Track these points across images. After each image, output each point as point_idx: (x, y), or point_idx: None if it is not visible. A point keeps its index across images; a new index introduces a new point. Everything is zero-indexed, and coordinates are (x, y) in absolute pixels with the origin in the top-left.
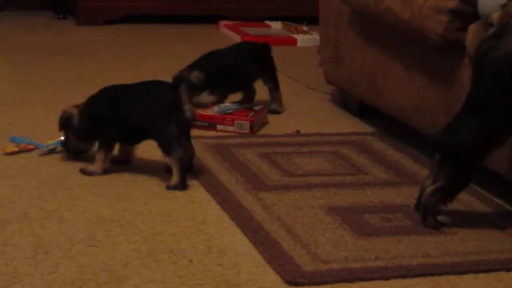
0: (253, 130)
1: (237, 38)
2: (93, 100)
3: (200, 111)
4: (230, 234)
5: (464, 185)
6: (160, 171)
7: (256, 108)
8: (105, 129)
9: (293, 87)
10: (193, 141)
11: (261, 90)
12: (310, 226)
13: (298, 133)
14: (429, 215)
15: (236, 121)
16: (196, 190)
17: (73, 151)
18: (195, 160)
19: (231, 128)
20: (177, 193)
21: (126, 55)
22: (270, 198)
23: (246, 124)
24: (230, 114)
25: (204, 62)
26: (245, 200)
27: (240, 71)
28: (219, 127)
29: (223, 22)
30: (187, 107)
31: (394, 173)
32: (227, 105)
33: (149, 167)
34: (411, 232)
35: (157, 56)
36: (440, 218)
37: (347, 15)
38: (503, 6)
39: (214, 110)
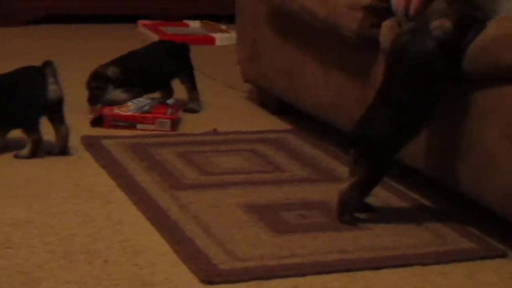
0: (174, 128)
1: (156, 38)
2: None
3: (118, 111)
4: (146, 234)
5: (380, 179)
6: (77, 172)
7: (169, 102)
8: None
9: (211, 86)
10: (110, 142)
11: (180, 89)
12: (226, 224)
13: (215, 131)
14: (346, 211)
15: (156, 120)
16: (113, 191)
17: None
18: (70, 141)
19: (151, 127)
20: (94, 194)
21: (47, 55)
22: (187, 197)
23: (167, 122)
24: (147, 111)
25: (122, 60)
26: (162, 200)
27: (157, 71)
28: (139, 126)
29: (141, 22)
30: (52, 88)
31: (311, 170)
32: (141, 100)
33: (65, 167)
34: (327, 229)
35: (78, 55)
36: (357, 214)
37: (264, 13)
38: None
39: (130, 108)
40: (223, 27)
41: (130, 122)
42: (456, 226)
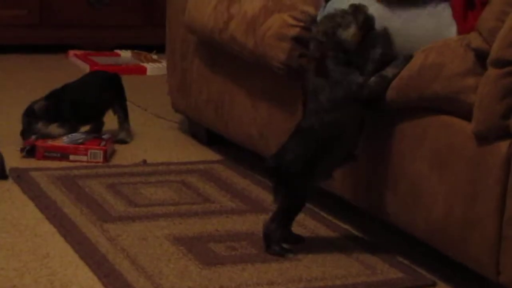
0: (106, 159)
1: (86, 68)
2: None
3: (51, 142)
4: (74, 267)
5: (299, 207)
6: (4, 204)
7: (104, 136)
8: None
9: (142, 116)
10: (39, 174)
11: (108, 119)
12: (154, 257)
13: (144, 163)
14: (273, 242)
15: (89, 151)
16: (41, 223)
17: None
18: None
19: (84, 158)
20: (21, 227)
21: None
22: (115, 230)
23: (100, 153)
24: (81, 143)
25: (56, 94)
26: (90, 232)
27: (92, 103)
28: (72, 157)
29: (72, 52)
30: None
31: (241, 201)
32: (76, 135)
33: None
34: (256, 260)
35: (7, 87)
36: (285, 245)
37: (193, 43)
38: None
39: (64, 141)
40: (155, 57)
41: (62, 153)
42: (386, 256)
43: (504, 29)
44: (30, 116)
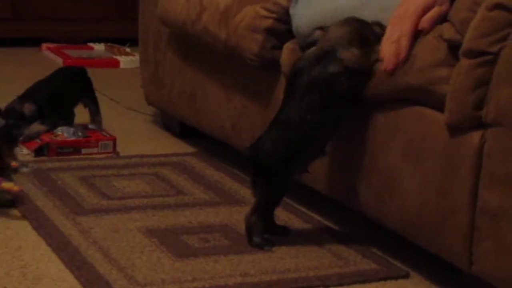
0: (115, 149)
1: (59, 61)
2: None
3: (60, 138)
4: (46, 259)
5: (277, 200)
6: None
7: (91, 127)
8: None
9: (115, 109)
10: None
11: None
12: (127, 249)
13: (117, 155)
14: (254, 234)
15: (100, 142)
16: (13, 216)
17: None
18: None
19: (95, 150)
20: None
21: None
22: (88, 222)
23: (110, 143)
24: (82, 136)
25: (34, 93)
26: (62, 225)
27: (67, 98)
28: (83, 150)
29: (45, 45)
30: None
31: (214, 193)
32: (66, 128)
33: None
34: (229, 252)
35: None
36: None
37: (166, 35)
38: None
39: (65, 136)
40: (128, 50)
41: (74, 148)
42: (359, 247)
43: (476, 19)
44: (15, 119)
